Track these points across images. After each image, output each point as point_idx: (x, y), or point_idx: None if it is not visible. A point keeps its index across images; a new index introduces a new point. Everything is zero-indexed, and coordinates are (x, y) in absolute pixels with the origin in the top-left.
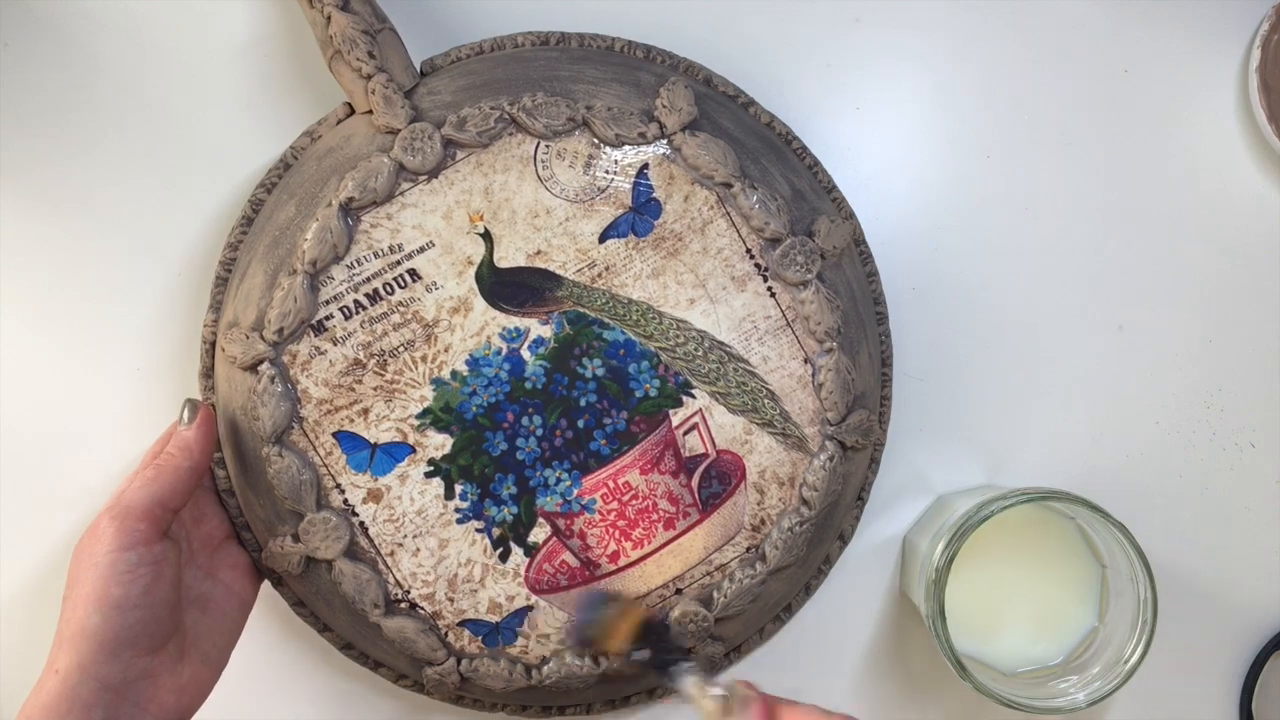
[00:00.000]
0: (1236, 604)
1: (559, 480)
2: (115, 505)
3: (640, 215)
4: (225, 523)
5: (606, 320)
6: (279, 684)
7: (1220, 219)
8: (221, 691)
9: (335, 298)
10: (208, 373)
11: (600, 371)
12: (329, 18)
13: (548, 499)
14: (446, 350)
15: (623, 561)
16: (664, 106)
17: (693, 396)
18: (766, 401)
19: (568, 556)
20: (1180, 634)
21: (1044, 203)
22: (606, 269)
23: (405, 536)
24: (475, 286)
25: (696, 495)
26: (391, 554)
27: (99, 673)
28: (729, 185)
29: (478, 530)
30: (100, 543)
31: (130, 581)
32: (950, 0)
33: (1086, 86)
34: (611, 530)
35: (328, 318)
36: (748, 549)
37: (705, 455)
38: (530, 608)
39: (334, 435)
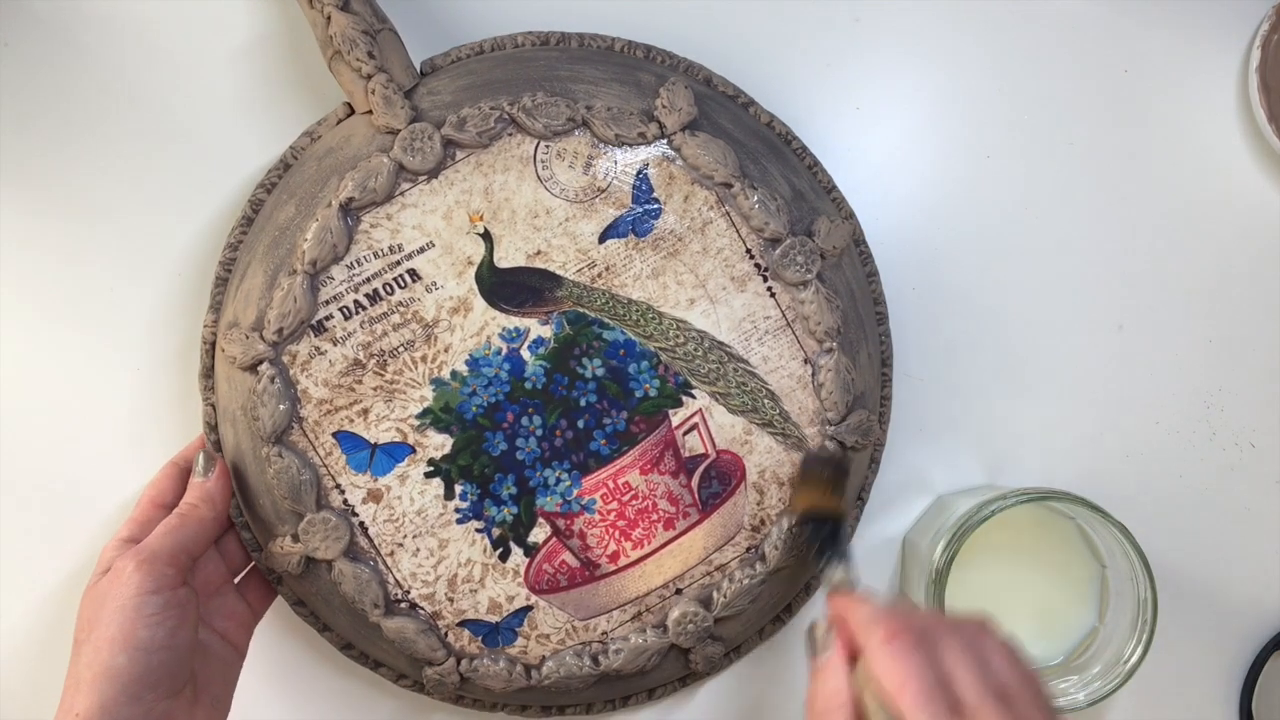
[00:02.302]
0: (1236, 604)
1: (559, 480)
2: (141, 550)
3: (640, 215)
4: (221, 569)
5: (606, 320)
6: (279, 684)
7: (1220, 219)
8: None
9: (335, 298)
10: (207, 373)
11: (600, 371)
12: (329, 18)
13: (548, 499)
14: (446, 350)
15: (623, 561)
16: (664, 106)
17: (692, 396)
18: (766, 402)
19: (567, 556)
20: (1180, 634)
21: (1044, 203)
22: (606, 269)
23: (405, 536)
24: (475, 286)
25: (696, 495)
26: (391, 554)
27: (121, 715)
28: (729, 185)
29: (478, 530)
30: (126, 586)
31: (157, 624)
32: (950, 0)
33: (1086, 86)
34: (611, 530)
35: (327, 318)
36: (747, 549)
37: (705, 455)
38: (530, 608)
39: (334, 435)
